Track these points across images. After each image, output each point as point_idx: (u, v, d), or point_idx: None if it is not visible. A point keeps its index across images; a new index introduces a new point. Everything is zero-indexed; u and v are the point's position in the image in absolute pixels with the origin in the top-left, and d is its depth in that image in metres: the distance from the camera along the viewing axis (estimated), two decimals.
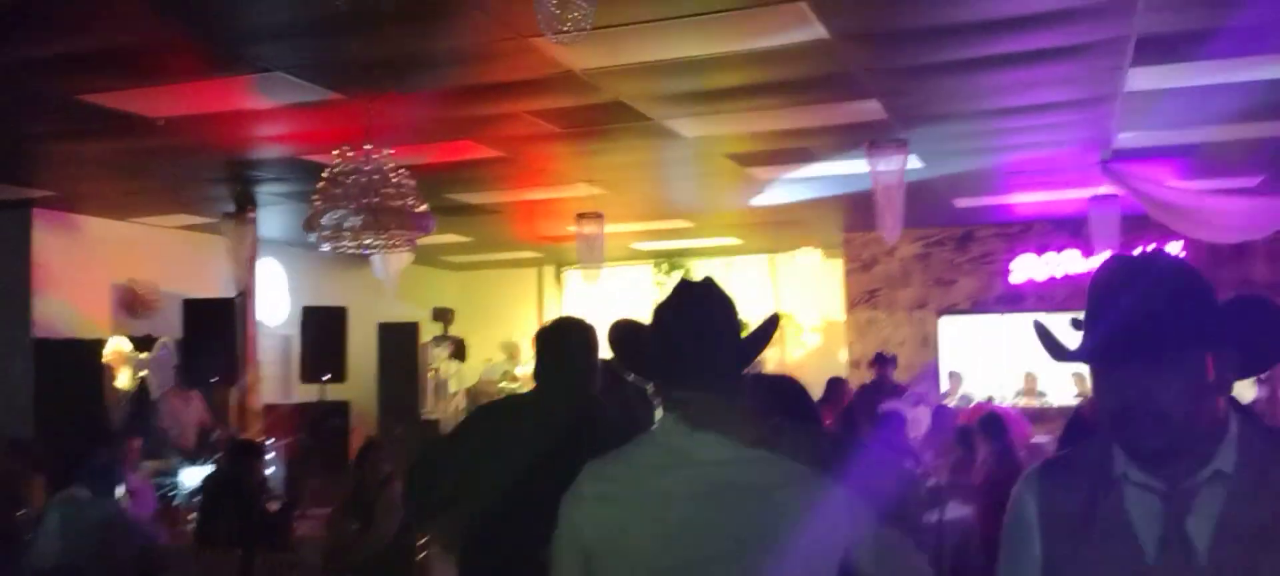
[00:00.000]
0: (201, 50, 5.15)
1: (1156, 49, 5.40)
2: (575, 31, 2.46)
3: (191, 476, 8.45)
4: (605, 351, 2.78)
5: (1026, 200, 10.23)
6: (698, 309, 2.15)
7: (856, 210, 10.05)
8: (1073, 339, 1.79)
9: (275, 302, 11.71)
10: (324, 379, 10.23)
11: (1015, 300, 11.74)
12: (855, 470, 2.31)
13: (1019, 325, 10.64)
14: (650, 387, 4.36)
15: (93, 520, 5.44)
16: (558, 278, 15.47)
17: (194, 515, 6.89)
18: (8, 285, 9.12)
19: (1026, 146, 7.62)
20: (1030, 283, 11.80)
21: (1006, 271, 11.93)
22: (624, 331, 2.28)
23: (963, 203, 10.25)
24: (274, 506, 6.61)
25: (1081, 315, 1.80)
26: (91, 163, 7.66)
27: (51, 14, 4.66)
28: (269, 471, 8.26)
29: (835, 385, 8.45)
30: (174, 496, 7.91)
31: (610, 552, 2.05)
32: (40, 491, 6.60)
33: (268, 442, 9.49)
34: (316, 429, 9.46)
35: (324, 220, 5.57)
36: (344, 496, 6.63)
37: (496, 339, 13.89)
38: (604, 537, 2.07)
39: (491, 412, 3.92)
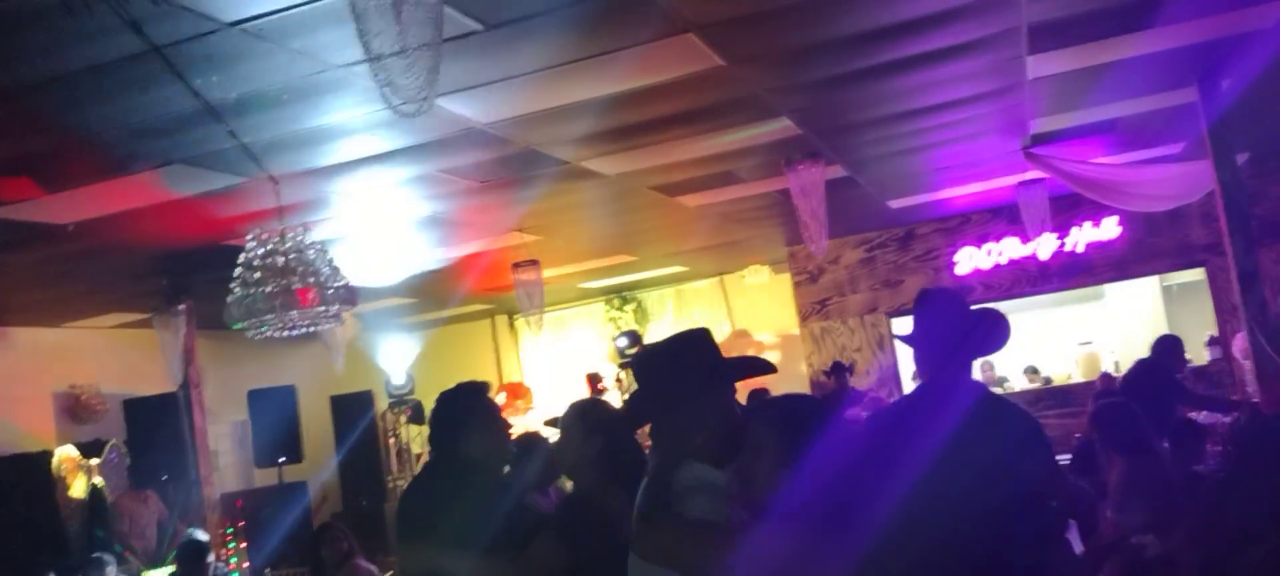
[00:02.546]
0: (95, 153, 5.07)
1: (1050, 35, 5.46)
2: (417, 102, 2.42)
3: None
4: None
5: (959, 194, 10.31)
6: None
7: (796, 224, 10.07)
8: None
9: (222, 388, 11.54)
10: (279, 461, 10.08)
11: (964, 292, 11.77)
12: None
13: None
14: None
15: None
16: (511, 326, 15.38)
17: None
18: None
19: (945, 143, 7.67)
20: (976, 272, 11.88)
21: (951, 265, 12.00)
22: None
23: (897, 203, 10.30)
24: None
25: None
26: (12, 274, 7.52)
27: None
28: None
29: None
30: None
31: None
32: None
33: (231, 533, 9.35)
34: (264, 514, 9.31)
35: (238, 308, 5.48)
36: None
37: None
38: None
39: None
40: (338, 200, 6.64)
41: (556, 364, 14.57)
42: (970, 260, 11.86)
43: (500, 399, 13.60)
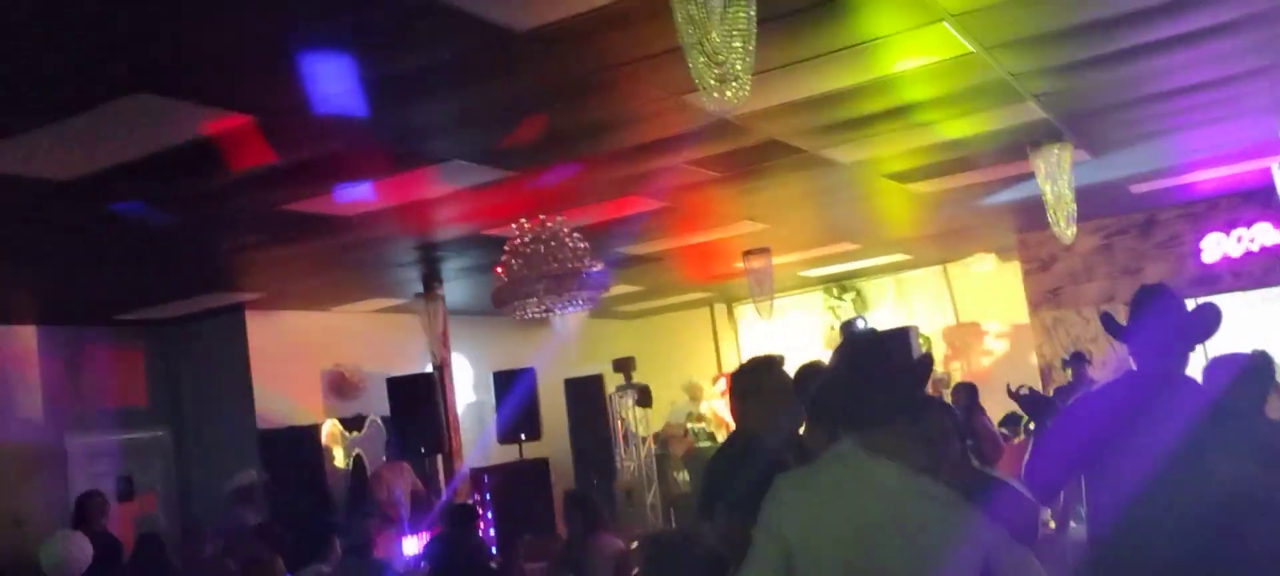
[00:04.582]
0: (387, 152, 5.60)
1: None
2: (737, 96, 2.65)
3: (412, 543, 9.02)
4: None
5: (1207, 177, 9.83)
6: (867, 361, 2.66)
7: (1027, 210, 9.89)
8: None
9: (468, 370, 12.32)
10: (521, 439, 10.68)
11: (1211, 281, 11.21)
12: (993, 499, 2.80)
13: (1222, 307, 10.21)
14: None
15: None
16: (730, 315, 15.64)
17: None
18: (232, 382, 9.92)
19: (1198, 124, 7.39)
20: (1224, 260, 11.27)
21: (1197, 252, 11.43)
22: (805, 376, 2.69)
23: (1139, 188, 9.93)
24: (493, 565, 7.00)
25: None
26: (292, 262, 8.29)
27: (253, 139, 5.17)
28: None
29: (961, 391, 8.29)
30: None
31: (808, 547, 2.55)
32: (282, 570, 7.17)
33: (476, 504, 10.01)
34: (519, 487, 9.90)
35: (510, 291, 5.95)
36: (557, 550, 6.95)
37: (677, 382, 14.14)
38: (804, 535, 2.54)
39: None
40: (598, 190, 7.01)
41: (775, 351, 14.70)
42: (1218, 247, 11.26)
43: (720, 387, 13.90)
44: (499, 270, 6.19)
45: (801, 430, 3.54)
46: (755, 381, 3.58)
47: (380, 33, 3.97)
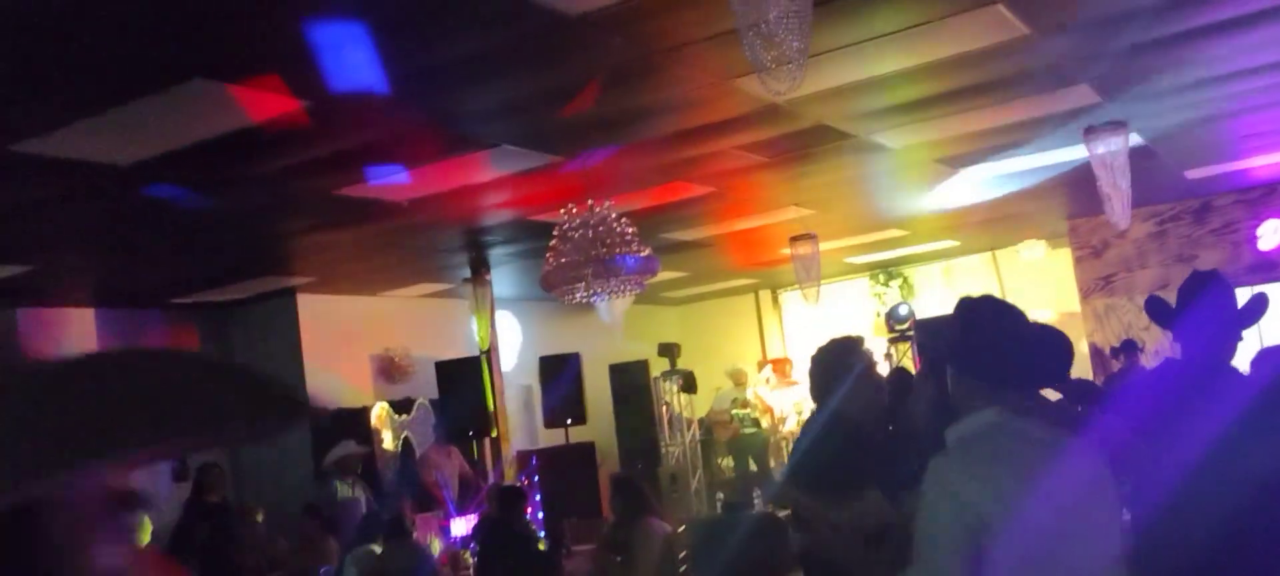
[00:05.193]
0: (437, 136, 5.65)
1: None
2: (790, 80, 2.65)
3: (459, 525, 9.12)
4: None
5: (1265, 162, 9.64)
6: (1020, 325, 2.66)
7: (1079, 195, 9.76)
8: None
9: (514, 355, 12.39)
10: (567, 423, 10.75)
11: (1267, 268, 11.00)
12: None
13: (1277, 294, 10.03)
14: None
15: (391, 568, 5.99)
16: (775, 301, 15.59)
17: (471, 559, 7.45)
18: (283, 365, 10.06)
19: (1255, 109, 7.24)
20: None
21: (1253, 239, 11.22)
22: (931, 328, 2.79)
23: (1194, 173, 9.76)
24: (541, 546, 7.06)
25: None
26: (343, 247, 8.40)
27: (310, 125, 5.24)
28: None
29: None
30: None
31: (997, 517, 2.46)
32: (334, 549, 7.30)
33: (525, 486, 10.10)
34: (566, 470, 9.97)
35: (558, 275, 5.98)
36: (604, 532, 7.00)
37: (722, 368, 14.13)
38: (991, 507, 2.48)
39: None
40: (645, 175, 7.01)
41: (819, 337, 14.63)
42: (1275, 234, 11.07)
43: (766, 373, 13.87)
44: (547, 254, 6.22)
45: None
46: (838, 362, 3.62)
47: (432, 17, 4.00)
